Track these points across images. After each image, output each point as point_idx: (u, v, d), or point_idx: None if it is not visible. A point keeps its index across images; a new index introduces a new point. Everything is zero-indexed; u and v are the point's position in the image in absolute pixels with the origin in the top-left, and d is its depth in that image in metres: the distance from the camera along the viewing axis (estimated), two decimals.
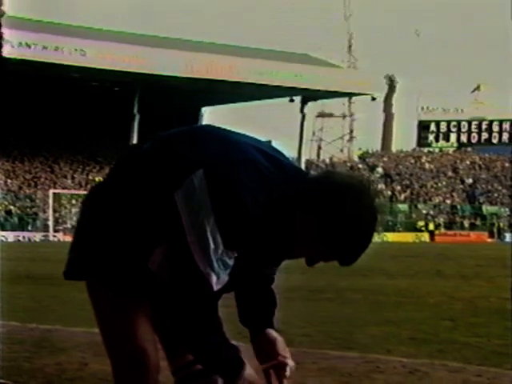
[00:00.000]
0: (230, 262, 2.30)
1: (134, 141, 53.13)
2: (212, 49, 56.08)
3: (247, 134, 2.53)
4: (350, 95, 66.92)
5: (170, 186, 2.32)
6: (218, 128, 2.51)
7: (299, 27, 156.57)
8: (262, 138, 2.55)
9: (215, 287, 2.31)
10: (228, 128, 2.52)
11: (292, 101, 63.48)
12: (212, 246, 2.26)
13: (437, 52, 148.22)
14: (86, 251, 2.47)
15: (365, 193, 2.33)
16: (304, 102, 63.37)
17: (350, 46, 77.72)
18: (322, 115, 76.76)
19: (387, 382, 4.57)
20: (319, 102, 69.37)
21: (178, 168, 2.33)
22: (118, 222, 2.41)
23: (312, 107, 67.07)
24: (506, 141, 73.65)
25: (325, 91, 59.37)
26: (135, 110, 54.61)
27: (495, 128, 74.33)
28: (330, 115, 77.41)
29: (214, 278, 2.29)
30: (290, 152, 51.29)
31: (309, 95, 61.39)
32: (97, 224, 2.45)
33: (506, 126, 74.08)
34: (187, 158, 2.35)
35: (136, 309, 2.47)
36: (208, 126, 2.56)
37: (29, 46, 46.29)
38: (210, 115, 66.29)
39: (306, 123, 65.24)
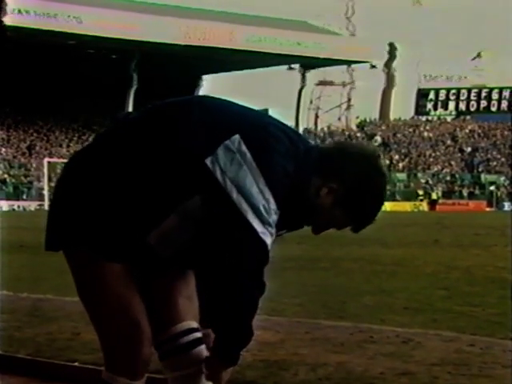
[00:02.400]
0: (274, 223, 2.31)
1: (130, 109, 53.02)
2: (210, 16, 55.78)
3: (247, 101, 2.54)
4: (349, 63, 66.60)
5: (198, 153, 2.26)
6: (220, 98, 2.47)
7: None
8: (259, 107, 2.55)
9: (269, 247, 2.30)
10: (225, 96, 2.49)
11: (291, 69, 63.21)
12: (266, 205, 2.25)
13: (438, 19, 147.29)
14: (73, 220, 2.37)
15: (379, 160, 2.45)
16: (303, 70, 63.09)
17: (349, 13, 77.15)
18: (322, 83, 76.34)
19: (380, 352, 4.54)
20: (318, 70, 69.03)
21: (205, 136, 2.27)
22: (119, 192, 2.32)
23: (310, 75, 66.79)
24: (505, 108, 73.40)
25: (324, 59, 59.11)
26: (132, 79, 54.41)
27: (494, 96, 74.03)
28: (330, 83, 77.02)
29: (269, 239, 2.29)
30: (287, 121, 50.97)
31: (308, 63, 61.14)
32: (91, 193, 2.36)
33: (506, 93, 73.75)
34: (213, 125, 2.29)
35: (127, 280, 2.40)
36: (210, 97, 2.51)
37: (24, 13, 45.95)
38: (207, 83, 66.04)
39: (303, 91, 65.07)
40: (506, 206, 57.09)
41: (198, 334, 2.51)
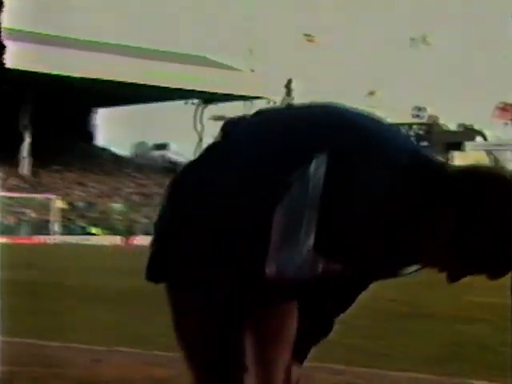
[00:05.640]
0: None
1: (26, 145, 52.01)
2: (109, 49, 55.45)
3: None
4: (247, 98, 67.16)
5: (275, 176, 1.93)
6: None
7: (198, 29, 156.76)
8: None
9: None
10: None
11: (188, 104, 63.28)
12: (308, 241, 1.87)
13: (332, 56, 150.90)
14: (182, 259, 1.97)
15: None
16: (202, 105, 63.19)
17: (249, 50, 77.87)
18: (216, 118, 76.56)
19: None
20: (220, 105, 69.09)
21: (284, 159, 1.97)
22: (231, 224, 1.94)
23: (211, 110, 66.93)
24: None
25: (222, 94, 59.43)
26: (25, 110, 53.44)
27: None
28: (224, 118, 76.98)
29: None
30: (189, 156, 51.25)
31: (207, 98, 61.34)
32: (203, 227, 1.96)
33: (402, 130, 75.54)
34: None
35: (239, 327, 2.01)
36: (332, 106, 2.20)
37: None
38: (106, 116, 65.50)
39: (205, 126, 65.20)
40: None
41: None
